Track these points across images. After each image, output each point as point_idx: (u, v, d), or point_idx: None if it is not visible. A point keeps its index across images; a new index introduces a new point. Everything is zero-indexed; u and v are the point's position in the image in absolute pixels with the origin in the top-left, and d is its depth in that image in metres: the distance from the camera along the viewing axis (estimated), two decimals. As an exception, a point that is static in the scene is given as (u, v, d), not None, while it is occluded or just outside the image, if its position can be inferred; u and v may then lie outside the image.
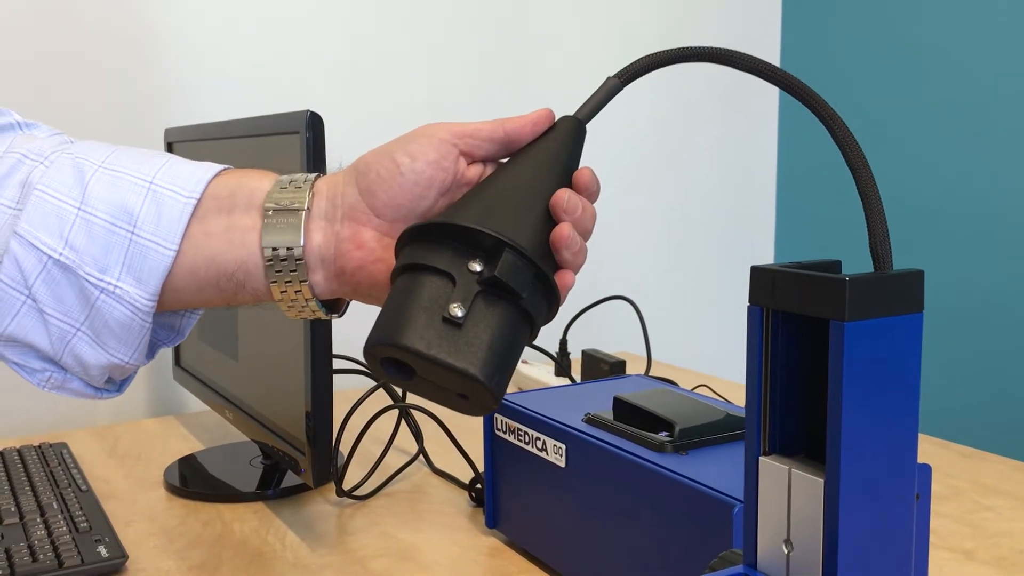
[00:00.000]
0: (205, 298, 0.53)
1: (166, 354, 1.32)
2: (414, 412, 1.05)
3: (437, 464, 1.05)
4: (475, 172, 0.52)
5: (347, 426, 0.97)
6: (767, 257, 1.89)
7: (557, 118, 0.55)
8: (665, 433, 0.71)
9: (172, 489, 0.99)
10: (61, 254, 0.51)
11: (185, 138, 1.11)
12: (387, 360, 0.47)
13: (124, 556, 0.81)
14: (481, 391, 0.45)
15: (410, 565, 0.81)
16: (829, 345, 0.40)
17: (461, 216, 0.47)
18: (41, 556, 0.79)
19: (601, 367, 1.22)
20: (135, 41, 1.29)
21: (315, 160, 0.79)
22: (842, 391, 0.40)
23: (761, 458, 0.44)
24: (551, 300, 0.49)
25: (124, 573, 0.80)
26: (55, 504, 0.90)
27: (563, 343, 1.32)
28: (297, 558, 0.83)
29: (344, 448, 1.00)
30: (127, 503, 0.96)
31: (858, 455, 0.41)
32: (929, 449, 1.10)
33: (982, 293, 1.51)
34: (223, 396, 1.06)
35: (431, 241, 0.47)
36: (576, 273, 0.51)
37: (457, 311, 0.45)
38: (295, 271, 0.52)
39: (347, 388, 1.06)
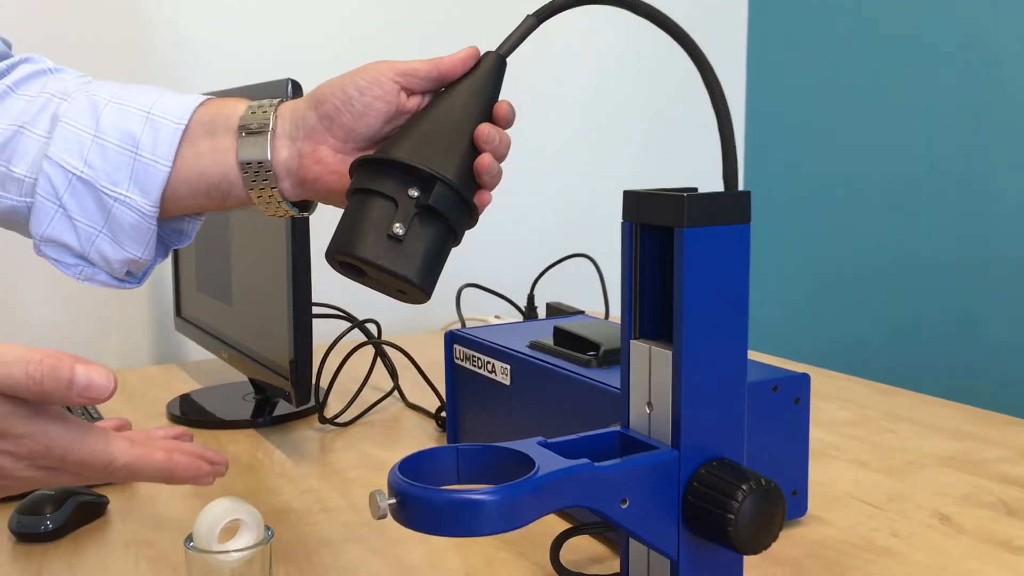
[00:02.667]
0: (200, 204, 0.66)
1: (168, 306, 1.45)
2: (388, 350, 1.17)
3: (411, 399, 1.17)
4: (414, 102, 0.64)
5: (327, 363, 1.09)
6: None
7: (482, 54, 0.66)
8: (592, 352, 0.83)
9: (174, 419, 1.12)
10: (82, 172, 0.64)
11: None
12: (344, 263, 0.59)
13: (133, 466, 0.93)
14: (415, 290, 0.58)
15: (381, 475, 0.94)
16: (674, 248, 0.53)
17: (403, 151, 0.59)
18: (61, 465, 0.92)
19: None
20: (133, 14, 1.41)
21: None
22: (683, 284, 0.52)
23: (632, 341, 0.57)
24: (472, 217, 0.61)
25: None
26: (71, 428, 1.03)
27: (530, 298, 1.44)
28: (283, 470, 0.96)
29: (325, 385, 1.12)
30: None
31: (697, 334, 0.53)
32: (847, 385, 1.22)
33: (915, 248, 1.63)
34: (219, 339, 1.18)
35: (379, 171, 0.59)
36: (492, 191, 0.63)
37: (399, 230, 0.58)
38: (267, 180, 0.64)
39: (327, 332, 1.18)
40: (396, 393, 1.18)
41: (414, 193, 0.58)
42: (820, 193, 1.83)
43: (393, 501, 0.49)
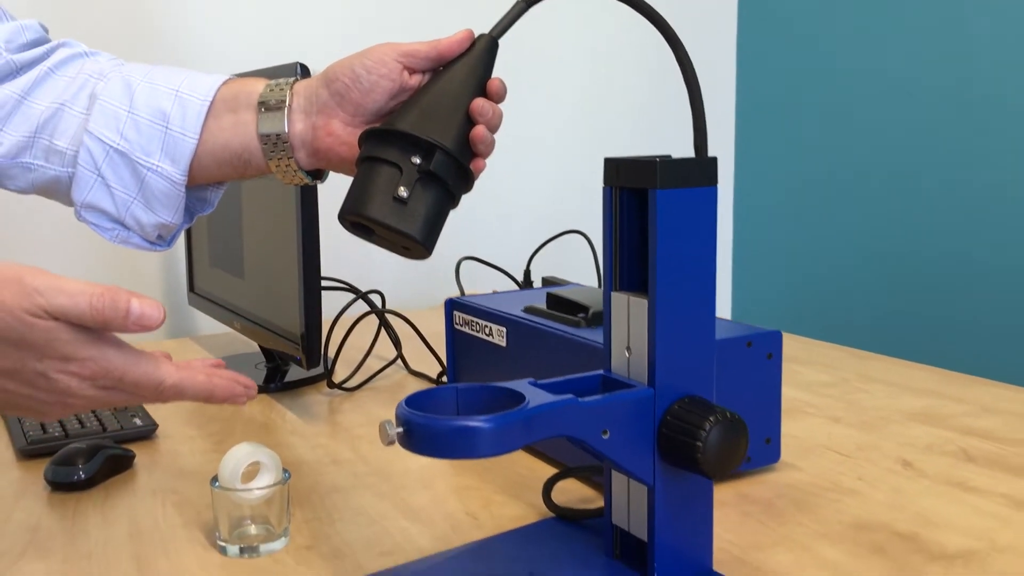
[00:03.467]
0: (224, 173, 0.73)
1: (181, 282, 1.51)
2: (392, 321, 1.24)
3: (414, 368, 1.24)
4: (415, 80, 0.70)
5: (333, 334, 1.16)
6: (725, 195, 2.06)
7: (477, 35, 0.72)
8: (582, 314, 0.90)
9: (190, 385, 1.19)
10: (119, 144, 0.70)
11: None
12: (354, 223, 0.66)
13: (155, 425, 1.00)
14: (418, 247, 0.65)
15: (386, 433, 1.00)
16: (648, 208, 0.59)
17: (407, 122, 0.66)
18: (88, 425, 0.98)
19: (558, 291, 1.41)
20: (140, 4, 1.47)
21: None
22: (657, 240, 0.59)
23: (613, 293, 0.63)
24: (468, 182, 0.68)
25: (156, 439, 1.00)
26: (95, 392, 1.10)
27: (527, 272, 1.50)
28: (295, 428, 1.03)
29: (332, 354, 1.19)
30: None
31: (669, 284, 0.60)
32: (826, 351, 1.29)
33: (924, 236, 1.70)
34: (232, 311, 1.25)
35: (385, 140, 0.66)
36: (487, 158, 0.69)
37: (403, 192, 0.64)
38: (284, 151, 0.71)
39: (331, 305, 1.25)
40: (400, 361, 1.25)
41: (416, 160, 0.65)
42: (809, 180, 1.90)
43: (400, 430, 0.55)
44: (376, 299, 1.33)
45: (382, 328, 1.22)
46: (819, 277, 1.89)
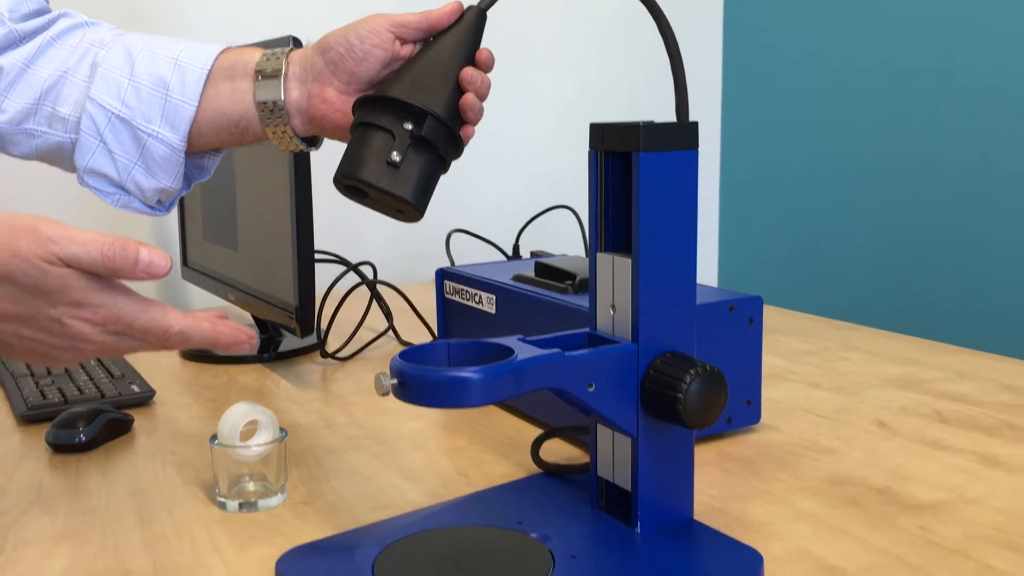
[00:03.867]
0: (222, 139, 0.75)
1: (174, 257, 1.53)
2: (384, 293, 1.26)
3: (406, 339, 1.27)
4: (407, 50, 0.73)
5: (326, 305, 1.18)
6: (711, 169, 2.09)
7: (466, 6, 0.74)
8: (568, 281, 0.92)
9: (185, 355, 1.21)
10: (120, 111, 0.72)
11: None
12: (349, 187, 0.68)
13: (152, 392, 1.02)
14: (411, 208, 0.67)
15: (380, 399, 1.03)
16: (631, 170, 0.62)
17: (399, 90, 0.68)
18: (87, 391, 1.01)
19: (547, 265, 1.44)
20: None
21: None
22: (640, 201, 0.61)
23: (598, 253, 0.66)
24: (458, 148, 0.70)
25: (153, 405, 1.02)
26: (92, 361, 1.12)
27: (516, 247, 1.53)
28: (289, 395, 1.05)
29: (324, 326, 1.21)
30: (150, 364, 1.18)
31: (652, 244, 0.62)
32: (809, 323, 1.32)
33: (900, 207, 1.73)
34: (226, 283, 1.27)
35: (378, 107, 0.68)
36: (475, 125, 0.71)
37: (396, 157, 0.66)
38: (280, 118, 0.73)
39: (322, 278, 1.27)
40: (391, 333, 1.27)
41: (408, 126, 0.67)
42: (795, 153, 1.92)
43: (395, 381, 0.58)
44: (367, 271, 1.35)
45: (373, 300, 1.24)
46: (805, 249, 1.92)
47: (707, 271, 2.10)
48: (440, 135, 0.68)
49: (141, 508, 0.76)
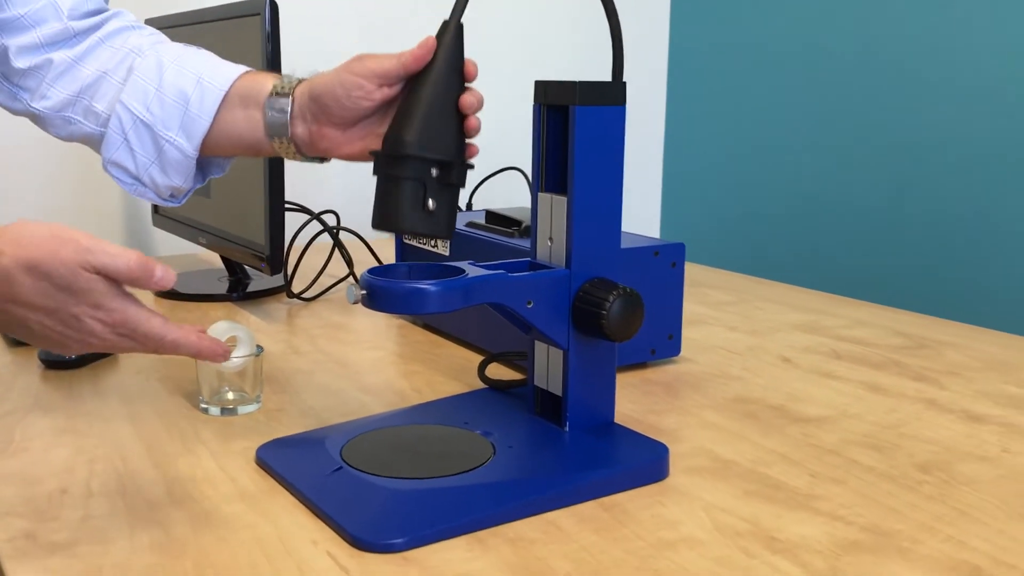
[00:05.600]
0: (237, 153, 0.86)
1: (144, 205, 1.62)
2: (345, 242, 1.37)
3: (364, 284, 1.37)
4: (395, 90, 0.77)
5: (290, 255, 1.28)
6: (655, 138, 2.21)
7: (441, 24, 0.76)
8: (515, 227, 1.03)
9: (160, 294, 1.30)
10: (144, 116, 0.82)
11: (164, 25, 1.39)
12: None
13: (133, 321, 1.12)
14: (445, 238, 0.77)
15: (341, 332, 1.14)
16: (568, 122, 0.73)
17: (414, 144, 0.72)
18: (72, 319, 1.10)
19: (497, 222, 1.55)
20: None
21: (272, 38, 1.08)
22: (575, 149, 0.73)
23: (539, 193, 0.77)
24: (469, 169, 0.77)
25: (133, 333, 1.11)
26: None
27: (469, 204, 1.64)
28: (259, 328, 1.15)
29: (290, 272, 1.31)
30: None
31: (584, 185, 0.74)
32: (735, 279, 1.46)
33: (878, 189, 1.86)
34: (197, 228, 1.36)
35: (400, 161, 0.72)
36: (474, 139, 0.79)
37: (432, 205, 0.73)
38: (289, 145, 0.82)
39: (289, 228, 1.37)
40: (352, 279, 1.38)
41: (435, 172, 0.73)
42: (738, 115, 2.05)
43: (364, 292, 0.69)
44: (331, 220, 1.45)
45: (336, 247, 1.34)
46: (736, 212, 2.05)
47: (651, 229, 2.23)
48: (462, 174, 0.75)
49: (132, 412, 0.86)
